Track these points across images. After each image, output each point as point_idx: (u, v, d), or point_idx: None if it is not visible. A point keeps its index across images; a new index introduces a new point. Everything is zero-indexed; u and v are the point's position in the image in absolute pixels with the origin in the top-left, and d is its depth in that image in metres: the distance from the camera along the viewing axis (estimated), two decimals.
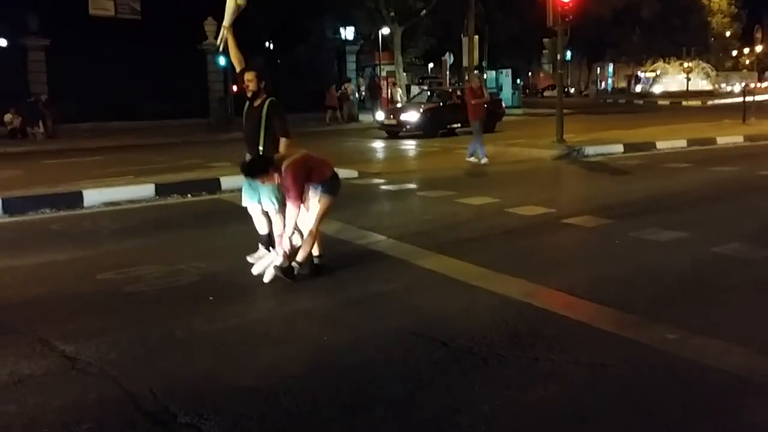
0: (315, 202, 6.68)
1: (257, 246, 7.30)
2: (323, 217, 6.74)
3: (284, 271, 6.59)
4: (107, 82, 28.58)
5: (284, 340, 5.31)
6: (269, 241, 7.15)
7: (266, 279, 6.67)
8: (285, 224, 6.65)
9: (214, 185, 12.56)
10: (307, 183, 6.55)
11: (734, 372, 4.41)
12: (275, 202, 6.84)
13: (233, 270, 7.14)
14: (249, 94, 6.90)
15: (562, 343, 4.95)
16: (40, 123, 26.09)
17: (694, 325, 5.22)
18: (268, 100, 6.87)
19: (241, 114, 7.17)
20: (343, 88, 34.70)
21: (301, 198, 6.45)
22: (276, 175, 6.41)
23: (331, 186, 6.72)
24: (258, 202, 7.01)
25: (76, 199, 11.20)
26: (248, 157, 6.90)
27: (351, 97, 34.95)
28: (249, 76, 6.89)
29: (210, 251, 7.98)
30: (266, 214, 7.07)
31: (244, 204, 7.19)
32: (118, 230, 9.49)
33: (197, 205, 11.56)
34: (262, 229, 7.21)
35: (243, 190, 7.16)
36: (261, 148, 6.84)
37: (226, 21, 7.22)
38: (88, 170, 15.14)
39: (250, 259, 7.12)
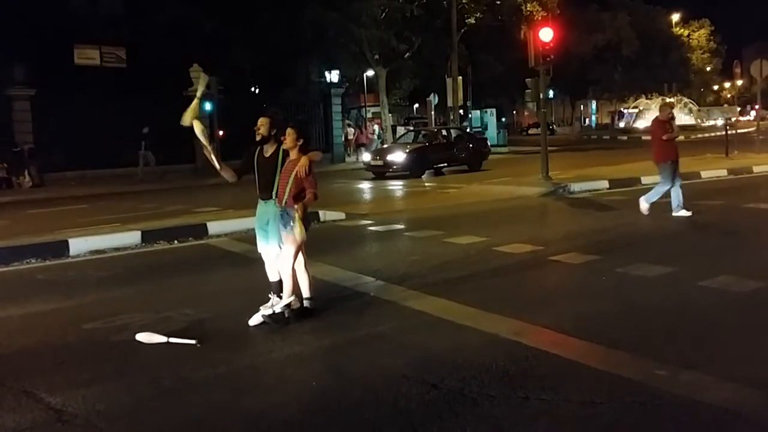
0: (285, 241, 6.70)
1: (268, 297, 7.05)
2: (296, 255, 6.72)
3: (274, 317, 6.57)
4: (93, 130, 28.57)
5: (273, 385, 5.28)
6: (281, 288, 6.95)
7: (251, 323, 6.65)
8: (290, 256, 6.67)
9: (200, 231, 12.53)
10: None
11: (724, 407, 4.40)
12: (281, 245, 6.81)
13: (221, 316, 7.10)
14: (258, 137, 6.91)
15: (553, 381, 4.93)
16: (26, 172, 26.11)
17: (683, 360, 5.23)
18: (282, 149, 6.87)
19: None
20: (375, 128, 38.69)
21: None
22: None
23: (303, 221, 6.70)
24: (276, 244, 6.89)
25: (62, 248, 11.12)
26: (260, 203, 6.96)
27: (383, 137, 37.79)
28: (262, 121, 6.92)
29: (197, 298, 7.94)
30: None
31: (259, 250, 7.10)
32: (104, 279, 9.44)
33: (184, 251, 11.51)
34: (273, 275, 7.03)
35: (257, 236, 7.11)
36: (274, 193, 6.84)
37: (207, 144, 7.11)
38: (74, 219, 15.10)
39: (263, 308, 6.85)
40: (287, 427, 4.42)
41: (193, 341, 6.12)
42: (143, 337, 6.28)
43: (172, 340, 6.18)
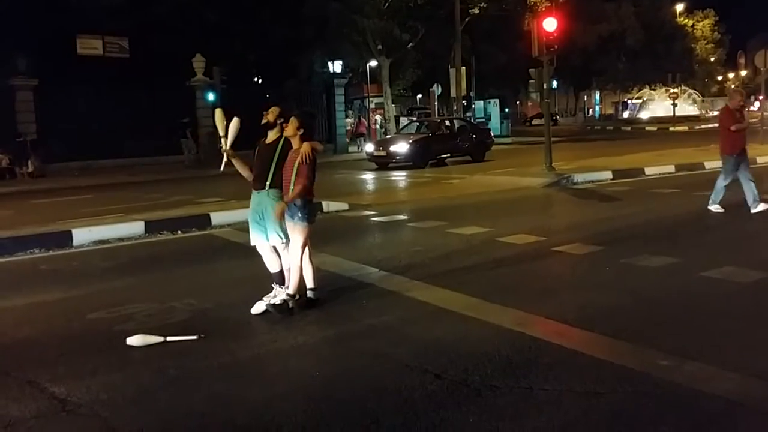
0: (292, 232, 6.73)
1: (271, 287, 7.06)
2: (304, 246, 6.73)
3: (278, 308, 6.58)
4: (96, 120, 28.62)
5: (276, 376, 5.28)
6: (283, 279, 6.99)
7: (254, 311, 6.67)
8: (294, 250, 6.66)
9: (204, 221, 12.54)
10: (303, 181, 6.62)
11: (727, 397, 4.41)
12: (282, 235, 6.83)
13: (225, 306, 7.12)
14: (263, 121, 6.93)
15: (556, 372, 4.94)
16: (29, 162, 26.14)
17: (687, 350, 5.23)
18: (284, 139, 6.87)
19: (237, 149, 7.10)
20: (377, 119, 39.91)
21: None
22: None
23: (308, 212, 6.71)
24: (266, 238, 6.90)
25: (66, 238, 11.14)
26: (254, 194, 6.95)
27: (386, 127, 38.57)
28: (272, 109, 6.99)
29: (201, 288, 7.94)
30: (275, 249, 6.98)
31: (252, 243, 7.06)
32: (108, 269, 9.45)
33: (187, 241, 11.53)
34: (273, 267, 7.02)
35: (250, 228, 7.08)
36: (268, 183, 6.84)
37: (228, 144, 7.03)
38: (78, 209, 15.11)
39: (265, 299, 6.89)
40: (291, 417, 4.42)
41: (193, 337, 6.05)
42: (136, 340, 5.94)
43: (170, 338, 5.99)
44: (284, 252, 6.93)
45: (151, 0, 31.79)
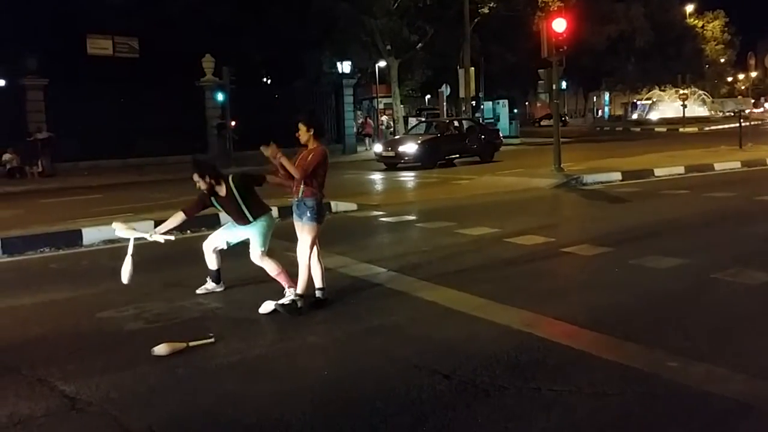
0: (300, 232, 6.80)
1: (207, 280, 7.75)
2: (312, 246, 6.75)
3: (286, 308, 6.60)
4: (106, 120, 28.71)
5: (285, 375, 5.29)
6: (218, 277, 7.68)
7: (262, 311, 6.70)
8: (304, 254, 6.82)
9: (213, 221, 12.51)
10: (313, 181, 6.68)
11: (735, 398, 4.40)
12: (260, 247, 7.18)
13: (234, 306, 7.14)
14: (205, 191, 7.32)
15: (564, 372, 4.93)
16: (39, 162, 26.25)
17: (695, 352, 5.22)
18: (229, 180, 7.25)
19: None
20: (383, 120, 40.72)
21: (306, 174, 6.61)
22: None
23: (318, 212, 6.73)
24: (226, 245, 7.54)
25: (76, 237, 11.18)
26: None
27: (393, 127, 39.09)
28: (195, 179, 7.33)
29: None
30: (218, 252, 7.60)
31: (206, 244, 7.68)
32: (117, 268, 9.39)
33: (196, 241, 11.47)
34: (212, 264, 7.64)
35: (219, 232, 7.71)
36: (251, 218, 7.25)
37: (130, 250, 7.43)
38: (88, 208, 15.17)
39: (199, 291, 7.61)
40: (300, 416, 4.44)
41: (210, 339, 5.99)
42: (162, 349, 5.75)
43: (192, 344, 5.89)
44: (263, 262, 7.24)
45: (161, 0, 31.91)
